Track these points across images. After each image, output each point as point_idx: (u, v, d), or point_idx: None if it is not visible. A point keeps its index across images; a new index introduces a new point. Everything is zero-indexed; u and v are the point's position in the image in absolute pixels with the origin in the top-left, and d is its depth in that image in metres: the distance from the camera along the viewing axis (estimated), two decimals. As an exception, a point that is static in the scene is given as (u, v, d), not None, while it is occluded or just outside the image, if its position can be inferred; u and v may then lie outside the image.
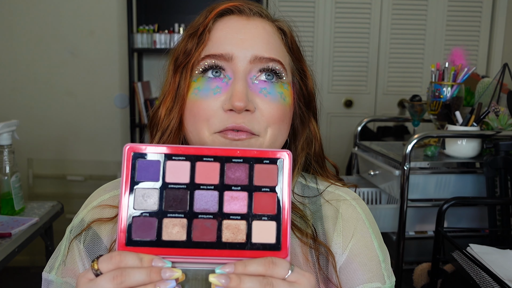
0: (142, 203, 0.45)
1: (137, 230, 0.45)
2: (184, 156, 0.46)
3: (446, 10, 2.96)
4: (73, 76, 2.85)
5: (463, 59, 1.66)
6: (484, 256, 1.15)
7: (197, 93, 0.61)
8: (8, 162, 1.48)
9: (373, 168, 1.71)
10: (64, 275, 0.63)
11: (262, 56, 0.62)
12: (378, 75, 3.02)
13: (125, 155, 0.46)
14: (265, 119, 0.61)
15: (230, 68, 0.62)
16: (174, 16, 2.76)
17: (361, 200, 0.72)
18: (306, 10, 2.93)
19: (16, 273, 2.65)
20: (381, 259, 0.66)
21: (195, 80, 0.62)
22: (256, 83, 0.62)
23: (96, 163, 2.90)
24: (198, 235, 0.45)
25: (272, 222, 0.46)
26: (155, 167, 0.46)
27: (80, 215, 0.67)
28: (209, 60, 0.62)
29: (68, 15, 2.79)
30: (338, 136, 3.01)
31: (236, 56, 0.61)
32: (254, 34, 0.63)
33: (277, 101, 0.62)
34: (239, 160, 0.46)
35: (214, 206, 0.46)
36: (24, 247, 1.40)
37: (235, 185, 0.46)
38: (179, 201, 0.46)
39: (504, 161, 1.41)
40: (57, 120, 2.87)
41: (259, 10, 0.67)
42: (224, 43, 0.62)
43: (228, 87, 0.61)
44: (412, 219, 1.53)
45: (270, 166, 0.47)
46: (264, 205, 0.46)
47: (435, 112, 1.65)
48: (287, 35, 0.68)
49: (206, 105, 0.61)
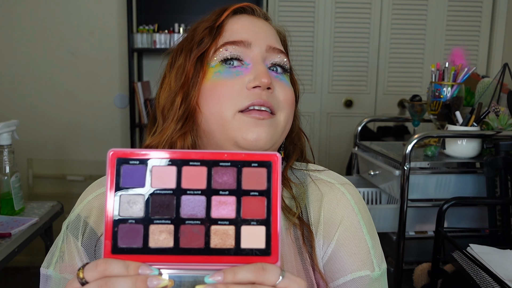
0: (128, 210, 0.44)
1: (123, 237, 0.44)
2: (170, 161, 0.45)
3: (446, 10, 2.96)
4: (73, 76, 2.85)
5: (463, 59, 1.66)
6: (484, 256, 1.15)
7: (219, 75, 0.64)
8: (8, 162, 1.48)
9: (373, 168, 1.71)
10: (62, 270, 0.64)
11: (275, 47, 0.67)
12: (378, 75, 3.02)
13: (109, 161, 0.44)
14: (282, 100, 0.66)
15: (248, 55, 0.65)
16: (174, 16, 2.76)
17: (351, 185, 0.71)
18: (306, 10, 2.93)
19: (16, 273, 2.65)
20: (370, 245, 0.65)
21: (213, 65, 0.65)
22: (270, 70, 0.67)
23: (96, 163, 2.90)
24: (186, 242, 0.44)
25: (262, 227, 0.45)
26: (140, 172, 0.45)
27: (76, 210, 0.67)
28: (229, 46, 0.65)
29: (68, 15, 2.79)
30: (338, 136, 3.01)
31: (254, 44, 0.66)
32: (265, 29, 0.69)
33: (289, 86, 0.68)
34: (227, 163, 0.45)
35: (201, 211, 0.45)
36: (24, 247, 1.40)
37: (222, 190, 0.45)
38: (166, 207, 0.44)
39: (504, 161, 1.41)
40: (57, 120, 2.87)
41: (264, 15, 0.73)
42: (241, 32, 0.66)
43: (248, 70, 0.65)
44: (412, 219, 1.53)
45: (258, 170, 0.45)
46: (253, 210, 0.45)
47: (435, 112, 1.65)
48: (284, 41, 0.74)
49: (230, 84, 0.63)
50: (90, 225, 0.65)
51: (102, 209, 0.65)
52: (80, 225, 0.65)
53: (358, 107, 3.05)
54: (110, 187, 0.44)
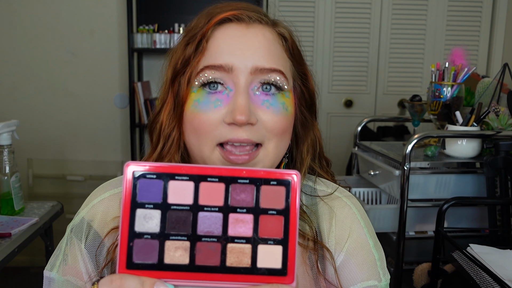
0: (144, 225, 0.44)
1: (138, 253, 0.43)
2: (187, 176, 0.44)
3: (446, 10, 2.96)
4: (73, 76, 2.85)
5: (463, 59, 1.66)
6: (484, 256, 1.15)
7: (197, 106, 0.60)
8: (8, 162, 1.48)
9: (373, 168, 1.71)
10: (65, 273, 0.64)
11: (263, 67, 0.60)
12: (378, 75, 3.02)
13: (125, 174, 0.44)
14: (268, 131, 0.61)
15: (230, 79, 0.60)
16: (174, 16, 2.76)
17: (355, 198, 0.72)
18: (306, 10, 2.93)
19: (16, 273, 2.65)
20: (377, 257, 0.67)
21: (195, 91, 0.61)
22: (258, 94, 0.61)
23: (96, 163, 2.90)
24: (202, 259, 0.44)
25: (279, 246, 0.44)
26: (157, 187, 0.44)
27: (81, 214, 0.67)
28: (208, 71, 0.60)
29: (68, 15, 2.79)
30: (338, 136, 3.01)
31: (237, 67, 0.59)
32: (254, 43, 0.61)
33: (279, 112, 0.61)
34: (245, 181, 0.44)
35: (218, 228, 0.44)
36: (24, 247, 1.40)
37: (240, 207, 0.44)
38: (182, 223, 0.44)
39: (504, 161, 1.41)
40: (57, 120, 2.88)
41: (258, 17, 0.64)
42: (224, 52, 0.60)
43: (229, 99, 0.60)
44: (412, 219, 1.53)
45: (277, 188, 0.44)
46: (270, 229, 0.44)
47: (435, 112, 1.65)
48: (287, 40, 0.66)
49: (207, 118, 0.60)
50: (94, 228, 0.65)
51: (106, 213, 0.65)
52: (84, 228, 0.65)
53: (358, 107, 3.05)
54: (126, 201, 0.43)
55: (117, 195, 0.67)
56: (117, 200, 0.66)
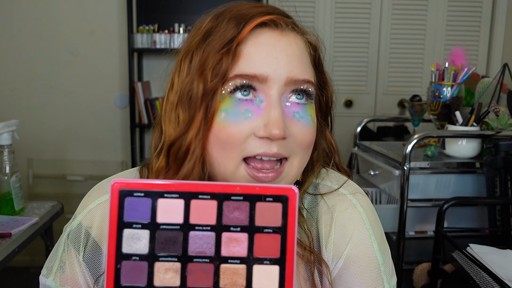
0: (132, 246, 0.42)
1: (126, 275, 0.41)
2: (177, 193, 0.42)
3: (446, 10, 2.96)
4: (73, 76, 2.85)
5: (463, 59, 1.66)
6: (484, 256, 1.15)
7: (225, 117, 0.55)
8: (8, 162, 1.48)
9: (373, 168, 1.71)
10: (62, 283, 0.62)
11: (298, 79, 0.57)
12: (378, 75, 3.02)
13: (112, 193, 0.41)
14: (297, 145, 0.58)
15: (262, 90, 0.56)
16: (174, 16, 2.76)
17: (362, 193, 0.68)
18: (306, 10, 2.93)
19: (16, 273, 2.66)
20: (381, 262, 0.63)
21: (221, 100, 0.56)
22: (288, 105, 0.58)
23: (96, 163, 2.90)
24: (193, 281, 0.42)
25: (275, 266, 0.42)
26: (145, 205, 0.42)
27: (77, 218, 0.64)
28: (240, 80, 0.55)
29: (68, 15, 2.79)
30: (338, 136, 2.98)
31: (271, 78, 0.55)
32: (288, 52, 0.57)
33: (309, 125, 0.59)
34: (239, 197, 0.42)
35: (210, 248, 0.42)
36: (24, 247, 1.40)
37: (234, 226, 0.42)
38: (172, 243, 0.42)
39: (504, 161, 1.41)
40: (57, 120, 2.88)
41: (292, 24, 0.60)
42: (258, 61, 0.55)
43: (260, 111, 0.55)
44: (412, 219, 1.53)
45: (273, 205, 0.42)
46: (266, 248, 0.42)
47: (435, 112, 1.65)
48: (316, 51, 0.64)
49: (237, 130, 0.55)
50: (92, 236, 0.62)
51: (104, 220, 0.63)
52: (81, 236, 0.63)
53: (358, 107, 3.05)
54: (112, 221, 0.42)
55: None
56: None
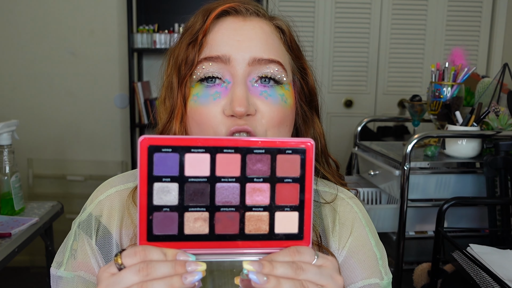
0: (162, 198, 0.44)
1: (158, 225, 0.44)
2: (203, 148, 0.44)
3: (446, 10, 2.96)
4: (73, 76, 2.85)
5: (463, 59, 1.66)
6: (484, 256, 1.15)
7: (197, 100, 0.61)
8: (8, 162, 1.48)
9: (373, 168, 1.71)
10: (75, 268, 0.62)
11: (261, 58, 0.60)
12: (378, 75, 3.02)
13: (140, 148, 0.43)
14: (265, 122, 0.60)
15: (228, 71, 0.60)
16: (174, 16, 2.76)
17: (357, 199, 0.73)
18: (306, 10, 2.93)
19: (16, 273, 2.65)
20: (378, 256, 0.67)
21: (193, 85, 0.61)
22: (256, 86, 0.61)
23: (96, 163, 2.90)
24: (221, 228, 0.45)
25: (295, 212, 0.46)
26: (173, 160, 0.44)
27: (87, 210, 0.65)
28: (206, 63, 0.60)
29: (68, 15, 2.79)
30: (338, 136, 3.01)
31: (234, 58, 0.60)
32: (251, 35, 0.61)
33: (278, 103, 0.61)
34: (261, 150, 0.45)
35: (236, 198, 0.45)
36: (24, 247, 1.40)
37: (257, 177, 0.45)
38: (200, 194, 0.45)
39: (504, 161, 1.41)
40: (57, 120, 2.88)
41: (256, 9, 0.65)
42: (221, 44, 0.60)
43: (227, 91, 0.60)
44: (412, 219, 1.53)
45: (292, 156, 0.46)
46: (286, 196, 0.46)
47: (435, 112, 1.65)
48: (285, 34, 0.67)
49: (207, 110, 0.60)
50: (103, 224, 0.64)
51: (113, 209, 0.64)
52: (92, 223, 0.64)
53: (358, 107, 3.05)
54: (143, 176, 0.44)
55: (124, 191, 0.66)
56: (124, 196, 0.65)
